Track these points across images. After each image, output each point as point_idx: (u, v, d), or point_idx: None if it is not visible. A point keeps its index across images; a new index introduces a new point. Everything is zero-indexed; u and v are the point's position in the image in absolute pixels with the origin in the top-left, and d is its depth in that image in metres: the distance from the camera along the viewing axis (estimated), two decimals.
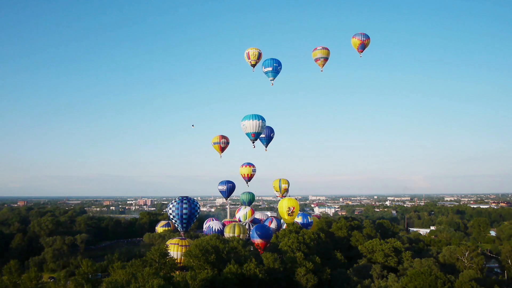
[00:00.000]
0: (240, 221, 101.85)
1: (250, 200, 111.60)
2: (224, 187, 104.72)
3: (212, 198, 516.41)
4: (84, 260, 52.28)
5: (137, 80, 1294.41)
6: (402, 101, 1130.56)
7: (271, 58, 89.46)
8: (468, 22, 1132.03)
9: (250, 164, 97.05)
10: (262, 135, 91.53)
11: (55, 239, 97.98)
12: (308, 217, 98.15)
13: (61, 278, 57.29)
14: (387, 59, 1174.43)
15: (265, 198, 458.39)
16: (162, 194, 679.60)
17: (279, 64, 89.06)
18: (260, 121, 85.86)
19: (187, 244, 72.28)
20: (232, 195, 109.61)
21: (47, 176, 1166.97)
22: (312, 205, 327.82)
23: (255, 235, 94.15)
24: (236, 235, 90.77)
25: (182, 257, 67.17)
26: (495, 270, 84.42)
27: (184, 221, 77.56)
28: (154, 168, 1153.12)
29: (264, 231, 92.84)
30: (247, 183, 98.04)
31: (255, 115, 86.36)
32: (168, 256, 61.10)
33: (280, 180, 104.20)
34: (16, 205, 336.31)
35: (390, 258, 69.05)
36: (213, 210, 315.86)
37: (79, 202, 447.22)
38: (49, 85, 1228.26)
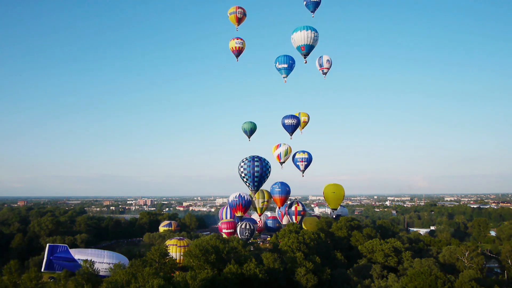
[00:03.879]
0: (280, 157, 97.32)
1: (252, 129, 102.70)
2: (293, 121, 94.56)
3: (212, 198, 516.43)
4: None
5: (137, 81, 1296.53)
6: (402, 101, 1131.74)
7: (285, 55, 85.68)
8: (468, 22, 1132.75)
9: (237, 37, 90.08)
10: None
11: (55, 239, 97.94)
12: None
13: (61, 278, 57.36)
14: (387, 60, 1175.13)
15: None
16: (162, 194, 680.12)
17: (294, 61, 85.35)
18: (310, 31, 76.69)
19: (185, 244, 72.35)
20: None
21: (48, 176, 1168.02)
22: (312, 205, 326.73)
23: (275, 191, 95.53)
24: (265, 200, 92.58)
25: (181, 258, 67.17)
26: (495, 270, 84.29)
27: (255, 179, 77.30)
28: (154, 168, 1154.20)
29: (284, 187, 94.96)
30: (237, 58, 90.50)
31: (306, 26, 77.35)
32: (168, 256, 61.12)
33: (300, 113, 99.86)
34: (16, 205, 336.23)
35: (390, 258, 68.99)
36: (213, 210, 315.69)
37: (79, 202, 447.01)
38: (50, 86, 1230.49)
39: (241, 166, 78.56)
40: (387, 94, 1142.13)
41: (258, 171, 77.02)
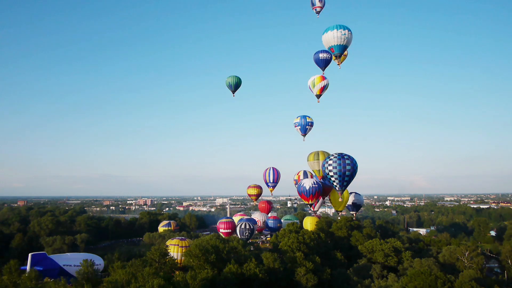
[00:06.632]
0: (322, 90, 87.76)
1: (237, 84, 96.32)
2: (327, 55, 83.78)
3: (212, 198, 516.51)
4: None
5: (137, 81, 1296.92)
6: (402, 101, 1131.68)
7: None
8: (468, 22, 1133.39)
9: None
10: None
11: (55, 239, 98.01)
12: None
13: (61, 278, 57.24)
14: (386, 60, 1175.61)
15: (264, 198, 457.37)
16: (162, 194, 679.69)
17: None
18: (341, 30, 70.73)
19: (187, 244, 72.25)
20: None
21: (48, 176, 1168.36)
22: None
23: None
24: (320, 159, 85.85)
25: (182, 258, 67.12)
26: (495, 270, 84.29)
27: (346, 178, 69.98)
28: (154, 168, 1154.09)
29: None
30: None
31: (335, 25, 71.86)
32: (168, 256, 61.08)
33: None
34: (16, 205, 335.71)
35: (390, 258, 68.94)
36: (213, 210, 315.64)
37: (79, 202, 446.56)
38: (50, 86, 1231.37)
39: (329, 165, 69.91)
40: (387, 94, 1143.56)
41: (349, 170, 68.56)
